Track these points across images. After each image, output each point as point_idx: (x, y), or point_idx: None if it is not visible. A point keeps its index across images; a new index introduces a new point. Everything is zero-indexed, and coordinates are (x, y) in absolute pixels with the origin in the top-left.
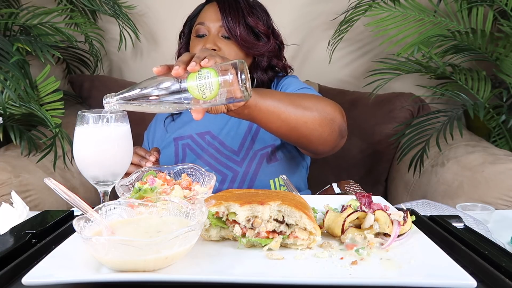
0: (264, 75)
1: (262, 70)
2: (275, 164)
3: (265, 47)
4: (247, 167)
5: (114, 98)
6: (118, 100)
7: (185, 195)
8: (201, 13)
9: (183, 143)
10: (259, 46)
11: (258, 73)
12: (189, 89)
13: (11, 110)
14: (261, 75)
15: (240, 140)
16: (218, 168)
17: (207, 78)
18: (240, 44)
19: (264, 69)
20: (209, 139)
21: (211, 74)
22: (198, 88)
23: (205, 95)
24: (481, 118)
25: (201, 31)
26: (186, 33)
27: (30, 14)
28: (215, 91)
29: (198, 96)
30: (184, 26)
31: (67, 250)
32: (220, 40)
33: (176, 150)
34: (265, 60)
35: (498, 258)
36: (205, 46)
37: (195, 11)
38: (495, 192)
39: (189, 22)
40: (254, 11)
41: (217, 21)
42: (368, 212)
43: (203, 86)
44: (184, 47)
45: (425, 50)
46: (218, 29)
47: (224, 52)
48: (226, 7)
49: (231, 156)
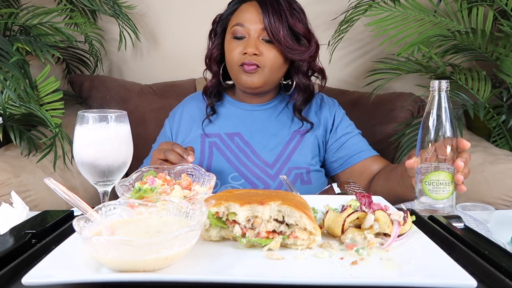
0: (305, 79)
1: (303, 74)
2: (308, 186)
3: (307, 52)
4: (281, 183)
5: None
6: None
7: (185, 195)
8: (239, 13)
9: (210, 141)
10: (301, 51)
11: (299, 77)
12: None
13: (11, 110)
14: (303, 79)
15: (276, 155)
16: (249, 177)
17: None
18: (283, 48)
19: (305, 73)
20: (239, 141)
21: None
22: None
23: None
24: (481, 118)
25: (239, 32)
26: (219, 32)
27: (30, 14)
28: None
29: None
30: (216, 24)
31: (67, 250)
32: (260, 44)
33: (202, 147)
34: (305, 65)
35: (498, 258)
36: (246, 50)
37: (229, 9)
38: (495, 192)
39: (222, 20)
40: (294, 11)
41: (258, 23)
42: (368, 212)
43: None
44: (218, 47)
45: (425, 50)
46: (259, 31)
47: (265, 57)
48: (268, 8)
49: (264, 168)
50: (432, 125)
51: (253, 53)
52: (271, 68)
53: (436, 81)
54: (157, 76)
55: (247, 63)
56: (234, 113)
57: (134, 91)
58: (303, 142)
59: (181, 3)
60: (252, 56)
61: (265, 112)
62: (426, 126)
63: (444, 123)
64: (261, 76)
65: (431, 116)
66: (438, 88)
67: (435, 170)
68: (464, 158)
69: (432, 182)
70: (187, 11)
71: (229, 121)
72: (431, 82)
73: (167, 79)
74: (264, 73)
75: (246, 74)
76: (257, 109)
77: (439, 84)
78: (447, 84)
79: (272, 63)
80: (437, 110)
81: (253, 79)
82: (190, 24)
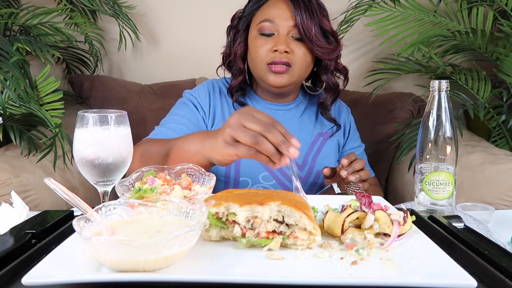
0: (333, 78)
1: (331, 73)
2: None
3: (336, 51)
4: (312, 185)
5: None
6: None
7: (185, 195)
8: (266, 9)
9: None
10: (331, 50)
11: (328, 76)
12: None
13: (11, 110)
14: (332, 78)
15: (302, 157)
16: (280, 178)
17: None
18: (313, 47)
19: (332, 72)
20: None
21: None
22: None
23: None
24: (481, 118)
25: (267, 29)
26: (241, 29)
27: (30, 14)
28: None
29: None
30: (238, 20)
31: (67, 250)
32: (290, 41)
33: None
34: (332, 64)
35: (498, 258)
36: (277, 47)
37: (254, 5)
38: (495, 192)
39: (245, 17)
40: (322, 9)
41: (289, 19)
42: (368, 212)
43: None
44: (241, 44)
45: (425, 50)
46: (289, 28)
47: (295, 55)
48: (300, 4)
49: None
50: (432, 125)
51: (284, 51)
52: (301, 67)
53: (436, 81)
54: (157, 76)
55: (277, 62)
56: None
57: (134, 91)
58: (327, 145)
59: (181, 3)
60: (282, 53)
61: (288, 112)
62: (426, 126)
63: (444, 123)
64: (290, 75)
65: (431, 116)
66: (438, 88)
67: (435, 170)
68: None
69: (432, 182)
70: (187, 11)
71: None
72: (431, 82)
73: (167, 79)
74: (294, 73)
75: (274, 74)
76: (280, 108)
77: (439, 84)
78: (447, 84)
79: (302, 62)
80: (437, 110)
81: (282, 79)
82: (190, 24)
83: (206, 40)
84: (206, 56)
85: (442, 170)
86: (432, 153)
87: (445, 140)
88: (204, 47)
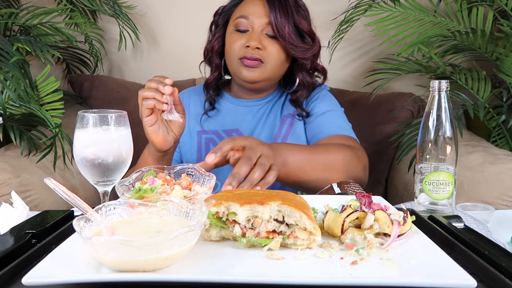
0: (309, 77)
1: (307, 72)
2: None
3: (311, 50)
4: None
5: None
6: None
7: (185, 195)
8: (244, 5)
9: (207, 137)
10: (305, 49)
11: (303, 75)
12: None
13: (11, 110)
14: (307, 77)
15: (272, 139)
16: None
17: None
18: (286, 45)
19: (308, 71)
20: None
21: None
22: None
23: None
24: (481, 118)
25: (243, 25)
26: (221, 24)
27: (30, 14)
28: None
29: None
30: (218, 16)
31: (67, 250)
32: (264, 38)
33: (199, 144)
34: (309, 62)
35: (498, 258)
36: (249, 43)
37: (233, 1)
38: (495, 192)
39: (225, 12)
40: (300, 9)
41: (264, 16)
42: (368, 212)
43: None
44: (219, 39)
45: (425, 50)
46: (264, 26)
47: (268, 51)
48: (275, 2)
49: None
50: (432, 125)
51: (256, 47)
52: (274, 64)
53: (436, 81)
54: None
55: (248, 57)
56: (232, 110)
57: (134, 91)
58: (295, 127)
59: (181, 3)
60: (254, 49)
61: (263, 106)
62: (426, 126)
63: (444, 123)
64: (262, 71)
65: (431, 116)
66: (438, 88)
67: (435, 170)
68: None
69: (432, 182)
70: (187, 11)
71: (227, 117)
72: (431, 82)
73: None
74: (266, 69)
75: (246, 69)
76: (254, 104)
77: (439, 84)
78: (447, 84)
79: (275, 59)
80: (437, 110)
81: (253, 74)
82: (190, 24)
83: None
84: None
85: (442, 170)
86: (432, 153)
87: (445, 140)
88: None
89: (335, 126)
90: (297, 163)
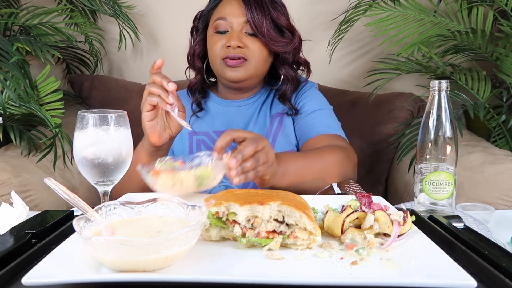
0: (291, 70)
1: (289, 65)
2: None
3: (291, 44)
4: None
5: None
6: None
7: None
8: (221, 7)
9: (198, 139)
10: (285, 43)
11: (286, 69)
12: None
13: (11, 110)
14: (290, 71)
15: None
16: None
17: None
18: (266, 41)
19: (291, 65)
20: None
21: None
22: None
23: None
24: (481, 118)
25: (222, 27)
26: (200, 28)
27: (30, 14)
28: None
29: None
30: (197, 21)
31: (67, 250)
32: (244, 37)
33: (190, 145)
34: (290, 56)
35: (498, 258)
36: (230, 43)
37: (210, 5)
38: (495, 192)
39: (203, 16)
40: (276, 5)
41: (241, 16)
42: (368, 212)
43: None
44: (200, 43)
45: (425, 50)
46: (242, 25)
47: (250, 49)
48: (251, 1)
49: None
50: (432, 125)
51: (237, 46)
52: (257, 61)
53: (436, 81)
54: None
55: (231, 57)
56: (221, 111)
57: (134, 91)
58: (284, 125)
59: (181, 3)
60: (236, 49)
61: (252, 106)
62: (426, 126)
63: (444, 123)
64: (246, 69)
65: (431, 116)
66: (438, 88)
67: (435, 170)
68: (240, 154)
69: (432, 182)
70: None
71: (217, 119)
72: (431, 82)
73: None
74: (250, 66)
75: (230, 69)
76: (243, 104)
77: (439, 84)
78: (447, 84)
79: (257, 55)
80: (437, 110)
81: (238, 73)
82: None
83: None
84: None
85: (442, 170)
86: (432, 153)
87: (445, 140)
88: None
89: (324, 125)
90: (296, 171)
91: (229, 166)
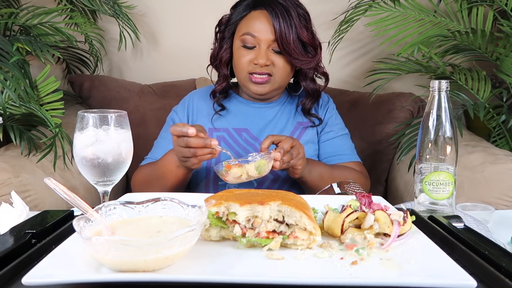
0: (313, 84)
1: (310, 79)
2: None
3: (314, 61)
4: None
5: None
6: None
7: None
8: (249, 21)
9: (218, 135)
10: (309, 61)
11: (307, 82)
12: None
13: (11, 110)
14: (311, 85)
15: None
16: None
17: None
18: (292, 59)
19: (311, 79)
20: (247, 136)
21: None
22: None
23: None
24: (481, 118)
25: (249, 42)
26: (227, 36)
27: (30, 14)
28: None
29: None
30: (223, 26)
31: (67, 250)
32: (271, 54)
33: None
34: (311, 72)
35: (498, 258)
36: (258, 61)
37: (238, 14)
38: (495, 192)
39: (230, 25)
40: (303, 20)
41: (269, 33)
42: (368, 212)
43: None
44: (227, 51)
45: (425, 50)
46: (270, 42)
47: (276, 66)
48: (279, 18)
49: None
50: (432, 125)
51: (264, 64)
52: (282, 76)
53: (436, 81)
54: (157, 76)
55: (258, 73)
56: (242, 110)
57: (134, 91)
58: (306, 134)
59: (181, 3)
60: (263, 67)
61: (272, 109)
62: (426, 126)
63: (444, 123)
64: (271, 84)
65: (431, 116)
66: (438, 88)
67: (435, 170)
68: (282, 149)
69: (432, 182)
70: (187, 11)
71: (237, 117)
72: (431, 82)
73: (167, 79)
74: (275, 81)
75: (255, 84)
76: (263, 106)
77: (439, 84)
78: (447, 84)
79: (282, 72)
80: (437, 110)
81: (263, 88)
82: (190, 24)
83: (206, 40)
84: (206, 56)
85: (442, 170)
86: (432, 153)
87: (445, 140)
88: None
89: (349, 152)
90: (319, 173)
91: (276, 158)
